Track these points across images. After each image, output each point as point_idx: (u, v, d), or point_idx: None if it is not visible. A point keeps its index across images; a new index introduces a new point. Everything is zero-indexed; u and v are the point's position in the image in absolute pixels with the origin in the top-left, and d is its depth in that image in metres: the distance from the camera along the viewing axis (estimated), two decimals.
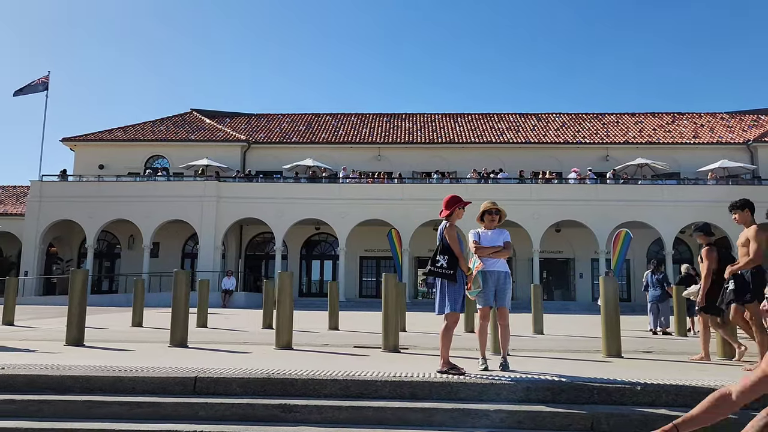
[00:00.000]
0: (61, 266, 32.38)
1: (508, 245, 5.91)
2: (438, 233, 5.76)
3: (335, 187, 30.05)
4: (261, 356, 7.10)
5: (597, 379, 5.25)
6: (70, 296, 8.34)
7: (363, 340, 10.20)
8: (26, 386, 5.20)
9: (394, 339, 7.96)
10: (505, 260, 5.98)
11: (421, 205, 28.94)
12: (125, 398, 4.93)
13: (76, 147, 34.13)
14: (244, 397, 5.02)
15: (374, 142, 34.05)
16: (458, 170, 32.38)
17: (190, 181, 30.55)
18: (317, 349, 8.33)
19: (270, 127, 36.51)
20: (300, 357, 7.11)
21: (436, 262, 5.53)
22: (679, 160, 32.27)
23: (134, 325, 12.88)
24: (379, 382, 5.09)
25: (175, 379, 5.21)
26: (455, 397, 4.97)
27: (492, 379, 5.14)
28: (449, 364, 5.49)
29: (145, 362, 6.20)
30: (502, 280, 5.88)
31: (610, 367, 6.38)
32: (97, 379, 5.22)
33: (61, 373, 5.32)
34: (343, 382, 5.11)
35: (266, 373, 5.34)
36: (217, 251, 29.47)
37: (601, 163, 32.25)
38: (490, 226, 6.04)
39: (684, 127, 34.97)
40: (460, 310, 5.53)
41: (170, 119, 36.89)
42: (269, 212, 29.44)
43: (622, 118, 36.91)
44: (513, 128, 35.38)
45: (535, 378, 5.26)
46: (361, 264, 32.68)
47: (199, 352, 7.53)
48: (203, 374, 5.28)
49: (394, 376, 5.29)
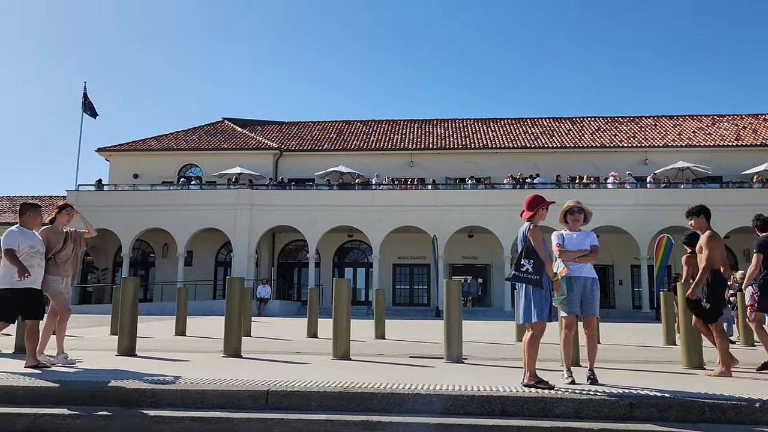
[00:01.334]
0: (97, 275, 32.63)
1: (595, 249, 5.49)
2: (519, 235, 5.37)
3: (368, 194, 29.76)
4: (321, 367, 6.77)
5: (707, 394, 4.79)
6: (122, 305, 8.12)
7: (414, 349, 9.83)
8: (90, 399, 4.93)
9: (458, 349, 7.56)
10: (592, 265, 5.56)
11: (455, 211, 28.53)
12: (196, 413, 4.63)
13: (111, 157, 34.46)
14: (321, 412, 4.68)
15: (406, 148, 33.74)
16: (492, 176, 31.87)
17: (223, 190, 30.57)
18: (374, 359, 7.99)
19: (301, 135, 36.44)
20: (361, 368, 6.77)
21: (521, 267, 5.13)
22: (721, 163, 31.30)
23: (177, 333, 12.66)
24: (466, 396, 4.71)
25: (246, 393, 4.90)
26: (551, 414, 4.57)
27: (590, 394, 4.72)
28: (536, 377, 5.08)
29: (205, 374, 5.90)
30: (589, 286, 5.47)
31: (707, 381, 5.88)
32: (165, 393, 4.93)
33: (126, 386, 5.04)
34: (427, 397, 4.74)
35: (343, 387, 4.99)
36: (251, 259, 29.37)
37: (640, 167, 31.44)
38: (574, 228, 5.63)
39: (725, 129, 33.96)
40: (547, 318, 5.12)
41: (202, 128, 37.07)
42: (303, 220, 29.26)
43: (659, 120, 36.04)
44: (547, 133, 34.76)
45: (637, 393, 4.82)
46: (395, 271, 32.29)
47: (256, 362, 7.22)
48: (275, 387, 4.96)
49: (481, 390, 4.90)
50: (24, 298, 6.30)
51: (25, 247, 6.38)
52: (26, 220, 6.60)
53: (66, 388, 5.04)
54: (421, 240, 29.77)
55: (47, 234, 6.85)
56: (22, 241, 6.39)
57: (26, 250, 6.38)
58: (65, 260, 6.91)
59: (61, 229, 7.01)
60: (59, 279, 6.84)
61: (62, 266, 6.86)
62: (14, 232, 6.46)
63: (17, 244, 6.34)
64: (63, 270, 6.87)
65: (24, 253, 6.35)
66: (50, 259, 6.76)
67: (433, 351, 9.35)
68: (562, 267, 5.45)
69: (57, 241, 6.88)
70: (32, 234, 6.62)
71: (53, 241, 6.83)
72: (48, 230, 6.91)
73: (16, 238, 6.40)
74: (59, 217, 7.03)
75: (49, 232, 6.89)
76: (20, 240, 6.40)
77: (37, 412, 4.61)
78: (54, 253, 6.80)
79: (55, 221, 7.01)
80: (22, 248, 6.35)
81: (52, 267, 6.77)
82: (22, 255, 6.31)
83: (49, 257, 6.75)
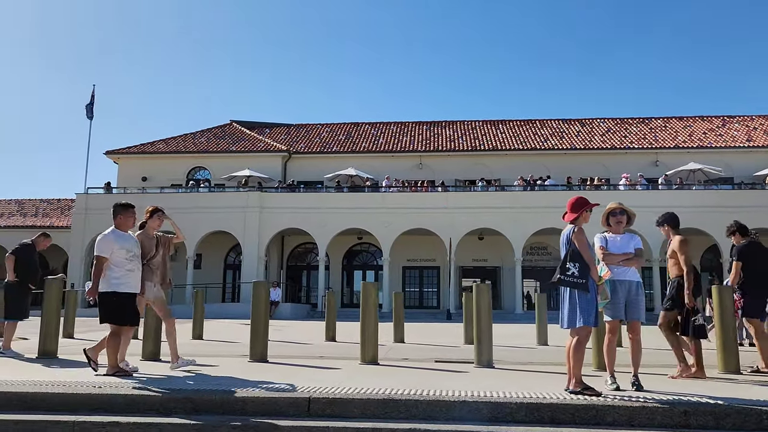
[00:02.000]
0: None
1: (639, 252, 5.37)
2: (563, 238, 5.24)
3: (378, 197, 29.66)
4: (353, 372, 6.65)
5: (764, 402, 4.65)
6: (147, 309, 8.00)
7: (438, 353, 9.71)
8: (127, 407, 4.82)
9: (488, 354, 7.44)
10: (637, 269, 5.43)
11: (465, 213, 28.41)
12: (237, 421, 4.51)
13: (120, 160, 34.44)
14: (364, 419, 4.56)
15: (415, 150, 33.64)
16: (502, 178, 31.76)
17: (233, 192, 30.52)
18: (401, 363, 7.87)
19: (310, 137, 36.37)
20: (393, 373, 6.65)
21: (566, 270, 5.00)
22: (733, 165, 31.13)
23: (194, 337, 12.57)
24: (514, 404, 4.59)
25: (287, 400, 4.78)
26: (602, 422, 4.44)
27: (643, 401, 4.59)
28: (582, 383, 4.95)
29: (238, 380, 5.80)
30: (634, 290, 5.35)
31: (752, 387, 5.74)
32: (204, 400, 4.82)
33: (163, 393, 4.93)
34: (474, 404, 4.62)
35: (386, 394, 4.87)
36: (261, 262, 29.28)
37: (651, 169, 31.26)
38: (617, 230, 5.51)
39: (736, 130, 33.77)
40: (593, 323, 4.99)
41: (210, 131, 37.03)
42: (312, 222, 29.17)
43: (669, 122, 35.86)
44: (557, 134, 34.61)
45: (689, 400, 4.69)
46: (404, 274, 32.16)
47: (284, 367, 7.11)
48: (317, 394, 4.84)
49: (528, 397, 4.77)
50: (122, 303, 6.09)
51: (121, 252, 6.14)
52: (119, 222, 6.32)
53: (103, 394, 4.93)
54: (430, 242, 29.65)
55: (142, 239, 6.64)
56: (117, 246, 6.14)
57: (123, 255, 6.14)
58: (158, 266, 6.73)
59: (153, 234, 6.81)
60: (153, 285, 6.66)
61: (156, 272, 6.68)
62: (108, 237, 6.17)
63: (110, 251, 6.09)
64: (156, 275, 6.69)
65: (121, 257, 6.11)
66: (145, 265, 6.56)
67: (458, 355, 9.24)
68: (606, 270, 5.33)
69: (151, 246, 6.66)
70: (128, 236, 6.36)
71: (148, 246, 6.62)
72: (142, 235, 6.69)
73: (110, 244, 6.12)
74: (150, 222, 6.80)
75: (143, 237, 6.67)
76: (115, 245, 6.14)
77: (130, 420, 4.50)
78: (148, 258, 6.61)
79: (146, 226, 6.79)
80: (118, 253, 6.11)
81: (147, 272, 6.58)
82: (118, 260, 6.08)
83: (144, 263, 6.56)
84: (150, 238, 6.73)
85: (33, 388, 5.11)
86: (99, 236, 6.23)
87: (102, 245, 6.12)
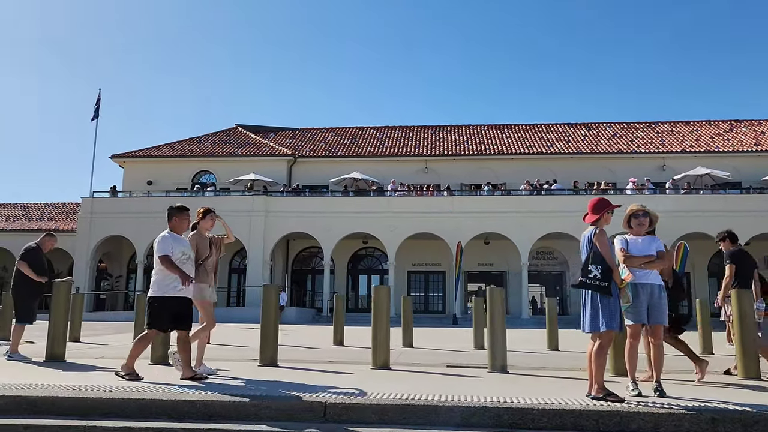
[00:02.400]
0: (111, 282, 32.52)
1: (662, 255, 5.25)
2: (584, 240, 5.13)
3: (384, 201, 29.56)
4: (365, 377, 6.54)
5: None
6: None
7: (448, 358, 9.58)
8: (139, 412, 4.72)
9: (502, 359, 7.31)
10: (659, 272, 5.32)
11: (471, 217, 28.29)
12: (251, 426, 4.41)
13: (125, 163, 34.44)
14: (382, 425, 4.45)
15: (421, 154, 33.54)
16: (508, 182, 31.64)
17: (238, 196, 30.46)
18: (412, 368, 7.76)
19: (315, 141, 36.32)
20: (406, 378, 6.54)
21: (588, 273, 4.88)
22: (740, 169, 30.92)
23: None
24: (536, 410, 4.47)
25: (303, 405, 4.67)
26: (627, 429, 4.32)
27: (668, 408, 4.46)
28: (605, 389, 4.82)
29: (250, 384, 5.69)
30: (656, 293, 5.23)
31: None
32: (217, 404, 4.71)
33: (176, 398, 4.82)
34: (494, 410, 4.50)
35: (404, 399, 4.76)
36: (266, 266, 29.19)
37: (658, 173, 31.11)
38: (639, 232, 5.39)
39: (743, 135, 33.59)
40: (616, 328, 4.87)
41: (216, 135, 37.00)
42: (318, 226, 29.09)
43: (676, 126, 35.70)
44: (563, 138, 34.49)
45: (715, 407, 4.56)
46: (409, 278, 32.03)
47: (296, 372, 6.99)
48: (333, 399, 4.73)
49: (550, 403, 4.65)
50: (174, 308, 5.97)
51: (178, 253, 6.02)
52: (174, 225, 6.21)
53: (115, 398, 4.82)
54: (436, 247, 29.53)
55: (196, 240, 6.55)
56: (175, 247, 6.04)
57: (179, 257, 6.02)
58: (213, 267, 6.61)
59: (206, 235, 6.71)
60: (207, 287, 6.52)
61: (210, 273, 6.56)
62: (167, 238, 6.08)
63: (170, 250, 6.00)
64: (211, 277, 6.56)
65: (177, 259, 5.99)
66: (199, 266, 6.46)
67: (469, 360, 9.11)
68: (627, 273, 5.21)
69: (205, 247, 6.56)
70: (182, 239, 6.26)
71: (202, 248, 6.52)
72: (196, 236, 6.59)
73: (169, 243, 6.04)
74: (203, 223, 6.70)
75: (197, 238, 6.58)
76: (173, 246, 6.04)
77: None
78: (203, 259, 6.51)
79: (198, 227, 6.67)
80: (175, 254, 6.01)
81: (201, 274, 6.48)
82: (175, 261, 5.98)
83: (198, 264, 6.45)
84: (203, 238, 6.62)
85: (42, 392, 5.01)
86: (156, 239, 6.10)
87: (162, 246, 6.00)
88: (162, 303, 5.95)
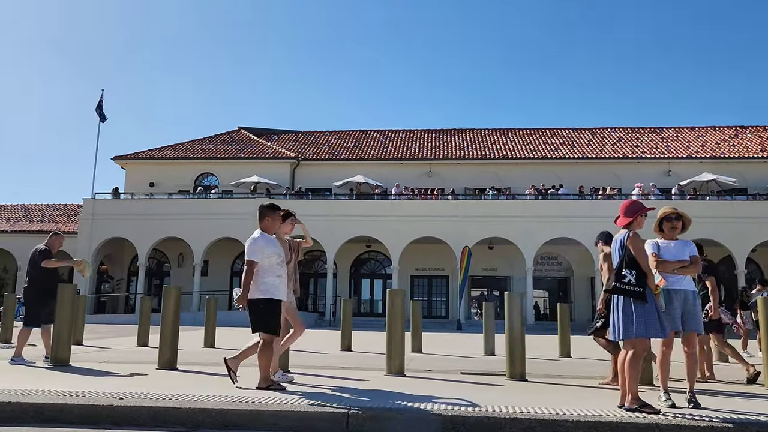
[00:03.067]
0: (112, 285, 32.27)
1: (695, 260, 5.04)
2: (615, 244, 4.92)
3: (388, 204, 29.34)
4: (382, 385, 6.33)
5: None
6: (163, 315, 7.71)
7: (460, 364, 9.39)
8: (151, 421, 4.50)
9: (521, 366, 7.10)
10: (692, 278, 5.11)
11: (476, 222, 28.06)
12: None
13: (127, 165, 34.23)
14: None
15: (424, 157, 33.35)
16: (512, 186, 31.43)
17: (241, 198, 30.23)
18: (426, 375, 7.55)
19: (318, 144, 36.14)
20: (424, 385, 6.34)
21: (622, 278, 4.67)
22: (746, 175, 30.75)
23: (206, 345, 12.23)
24: (570, 422, 4.26)
25: (324, 414, 4.46)
26: None
27: (708, 421, 4.25)
28: (639, 400, 4.61)
29: (262, 391, 5.48)
30: (690, 300, 5.02)
31: None
32: (234, 413, 4.50)
33: (190, 406, 4.60)
34: (526, 422, 4.29)
35: (431, 410, 4.54)
36: None
37: (663, 179, 30.91)
38: (671, 236, 5.18)
39: (749, 140, 33.42)
40: (658, 334, 4.62)
41: (218, 137, 36.82)
42: (321, 230, 28.81)
43: (681, 132, 35.54)
44: (567, 143, 34.30)
45: (757, 420, 4.34)
46: (413, 283, 31.78)
47: (309, 378, 6.79)
48: (355, 409, 4.52)
49: (584, 414, 4.44)
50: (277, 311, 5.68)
51: (272, 256, 5.70)
52: (266, 225, 5.89)
53: (124, 406, 4.60)
54: (439, 251, 29.29)
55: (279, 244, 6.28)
56: (268, 251, 5.71)
57: (274, 260, 5.70)
58: (293, 272, 6.38)
59: (285, 239, 6.47)
60: (288, 291, 6.27)
61: (291, 278, 6.32)
62: (259, 241, 5.72)
63: (261, 256, 5.65)
64: (291, 282, 6.32)
65: (273, 262, 5.68)
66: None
67: (482, 367, 8.90)
68: (659, 278, 5.00)
69: (286, 251, 6.29)
70: (275, 240, 5.93)
71: (284, 252, 6.25)
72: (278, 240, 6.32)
73: (260, 247, 5.67)
74: (283, 226, 6.43)
75: (280, 242, 6.30)
76: (266, 249, 5.70)
77: None
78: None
79: (278, 230, 6.38)
80: (269, 258, 5.68)
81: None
82: (269, 265, 5.65)
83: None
84: (283, 242, 6.35)
85: (50, 399, 4.79)
86: (249, 240, 5.78)
87: (253, 249, 5.67)
88: (273, 305, 5.66)
